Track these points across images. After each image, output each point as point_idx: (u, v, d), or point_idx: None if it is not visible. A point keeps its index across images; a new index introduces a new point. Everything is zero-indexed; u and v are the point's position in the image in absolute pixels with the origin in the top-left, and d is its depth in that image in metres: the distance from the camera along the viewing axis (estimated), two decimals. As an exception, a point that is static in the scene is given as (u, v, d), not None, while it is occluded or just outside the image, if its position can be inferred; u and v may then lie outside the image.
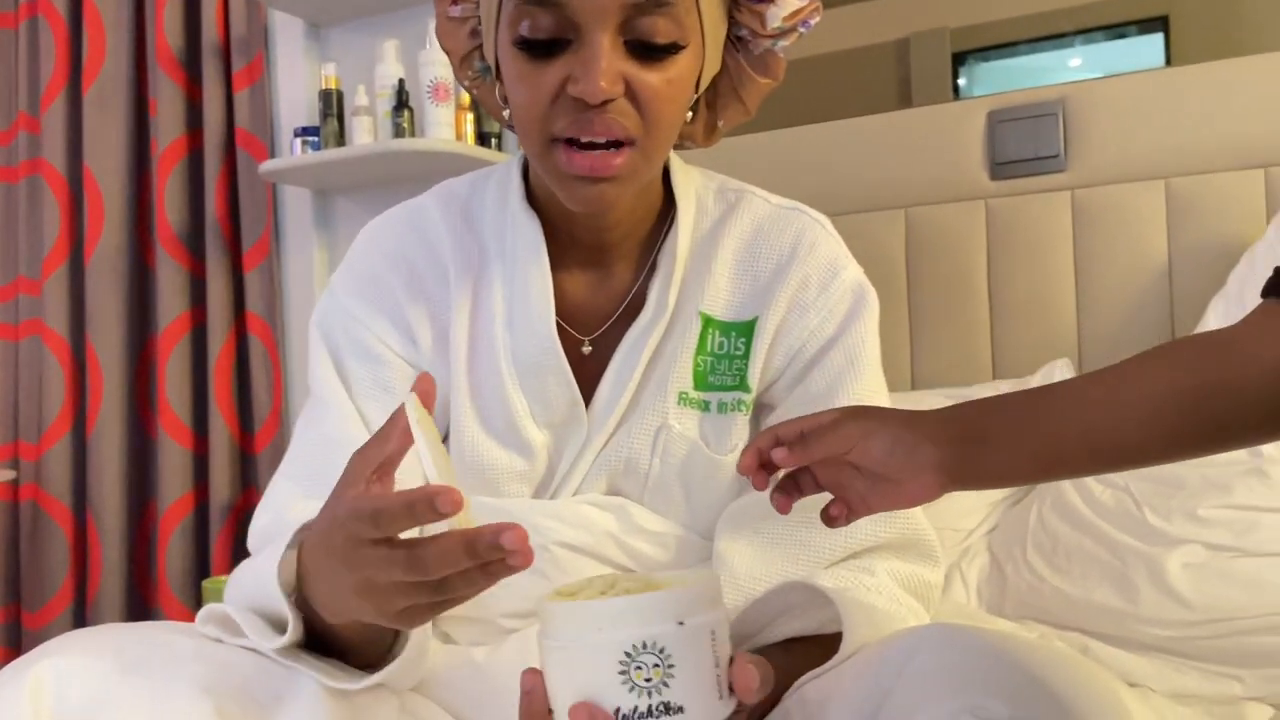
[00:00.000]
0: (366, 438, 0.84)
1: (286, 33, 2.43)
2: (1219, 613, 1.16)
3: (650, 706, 0.55)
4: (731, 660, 0.61)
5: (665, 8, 0.74)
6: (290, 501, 0.85)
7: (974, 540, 1.46)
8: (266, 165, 2.23)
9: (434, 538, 0.55)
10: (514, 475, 0.87)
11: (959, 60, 2.69)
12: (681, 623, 0.56)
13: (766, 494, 0.85)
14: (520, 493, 0.88)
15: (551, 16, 0.74)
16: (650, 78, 0.75)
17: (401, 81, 2.13)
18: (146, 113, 2.50)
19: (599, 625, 0.57)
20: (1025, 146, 1.70)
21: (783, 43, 0.84)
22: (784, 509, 0.71)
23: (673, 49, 0.75)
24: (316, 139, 2.22)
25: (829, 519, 0.71)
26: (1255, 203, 1.53)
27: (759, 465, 0.69)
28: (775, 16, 0.81)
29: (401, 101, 2.12)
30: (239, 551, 2.36)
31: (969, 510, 1.49)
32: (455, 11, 0.86)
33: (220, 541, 2.38)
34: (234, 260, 2.44)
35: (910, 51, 2.66)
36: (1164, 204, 1.58)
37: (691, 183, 0.92)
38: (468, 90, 0.92)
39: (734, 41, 0.85)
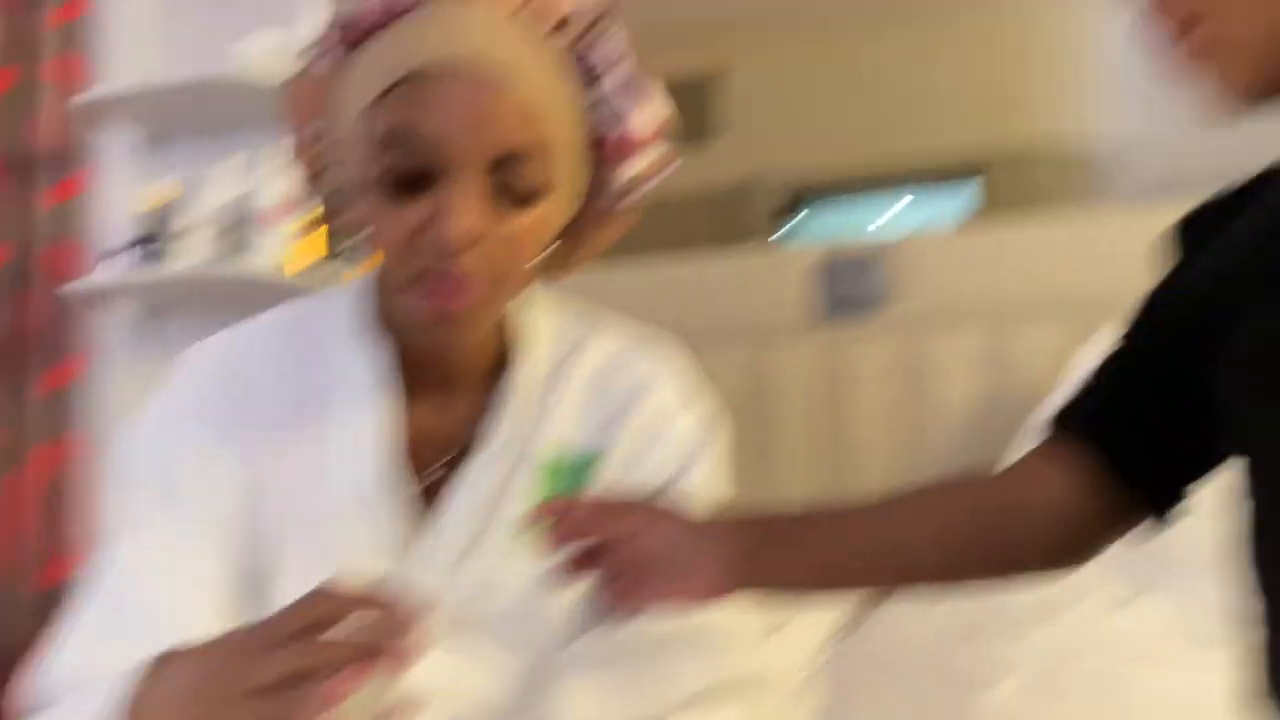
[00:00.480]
0: (174, 574, 0.79)
1: (116, 144, 2.35)
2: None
3: None
4: None
5: (532, 156, 0.74)
6: (89, 648, 0.77)
7: (808, 675, 1.46)
8: (83, 282, 2.12)
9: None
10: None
11: (792, 205, 2.85)
12: None
13: (601, 638, 0.83)
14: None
15: (418, 155, 0.73)
16: (511, 222, 0.75)
17: (235, 202, 2.08)
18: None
19: None
20: (853, 291, 1.78)
21: (640, 190, 0.86)
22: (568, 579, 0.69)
23: (536, 195, 0.76)
24: (141, 256, 2.13)
25: (615, 600, 0.70)
26: (1062, 353, 1.64)
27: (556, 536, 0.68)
28: (634, 166, 0.83)
29: (234, 221, 2.07)
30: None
31: (802, 644, 1.50)
32: (309, 134, 0.84)
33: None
34: (39, 381, 2.28)
35: (746, 194, 2.80)
36: (979, 351, 1.68)
37: (543, 314, 0.92)
38: (317, 209, 0.90)
39: (590, 188, 0.86)
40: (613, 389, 0.89)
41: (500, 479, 0.85)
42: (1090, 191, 2.31)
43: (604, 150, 0.83)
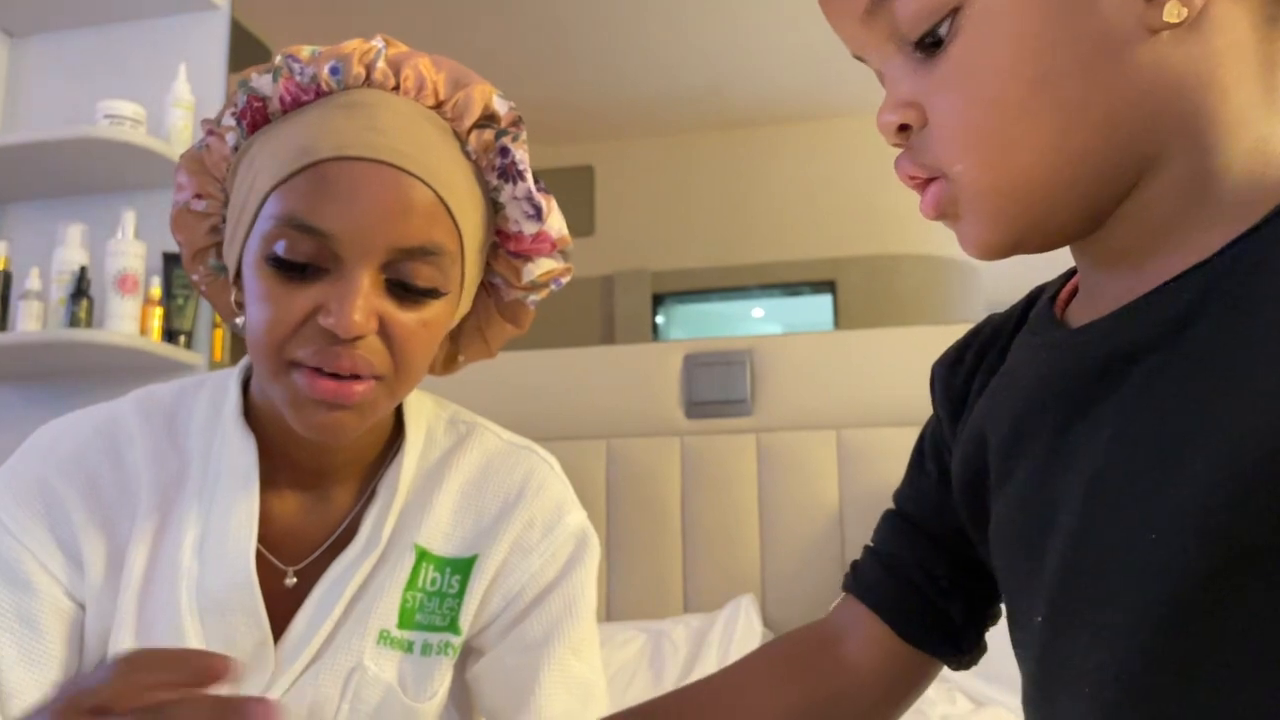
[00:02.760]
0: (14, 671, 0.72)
1: (-46, 203, 2.22)
2: None
3: None
4: None
5: (431, 255, 0.73)
6: None
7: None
8: (-93, 344, 1.98)
9: None
10: None
11: (657, 301, 2.89)
12: None
13: None
14: None
15: (313, 243, 0.71)
16: (406, 318, 0.73)
17: (84, 269, 1.99)
18: None
19: None
20: (717, 389, 1.81)
21: (534, 296, 0.86)
22: None
23: (432, 294, 0.74)
24: (-26, 319, 2.00)
25: None
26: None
27: None
28: (531, 272, 0.83)
29: (81, 290, 1.97)
30: None
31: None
32: (199, 206, 0.81)
33: None
34: None
35: (614, 288, 2.83)
36: (835, 451, 1.72)
37: (423, 411, 0.89)
38: (195, 285, 0.86)
39: (487, 287, 0.85)
40: (489, 493, 0.87)
41: (370, 573, 0.82)
42: (949, 299, 2.42)
43: (507, 248, 0.83)
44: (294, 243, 0.71)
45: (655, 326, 2.83)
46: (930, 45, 0.47)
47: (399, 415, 0.88)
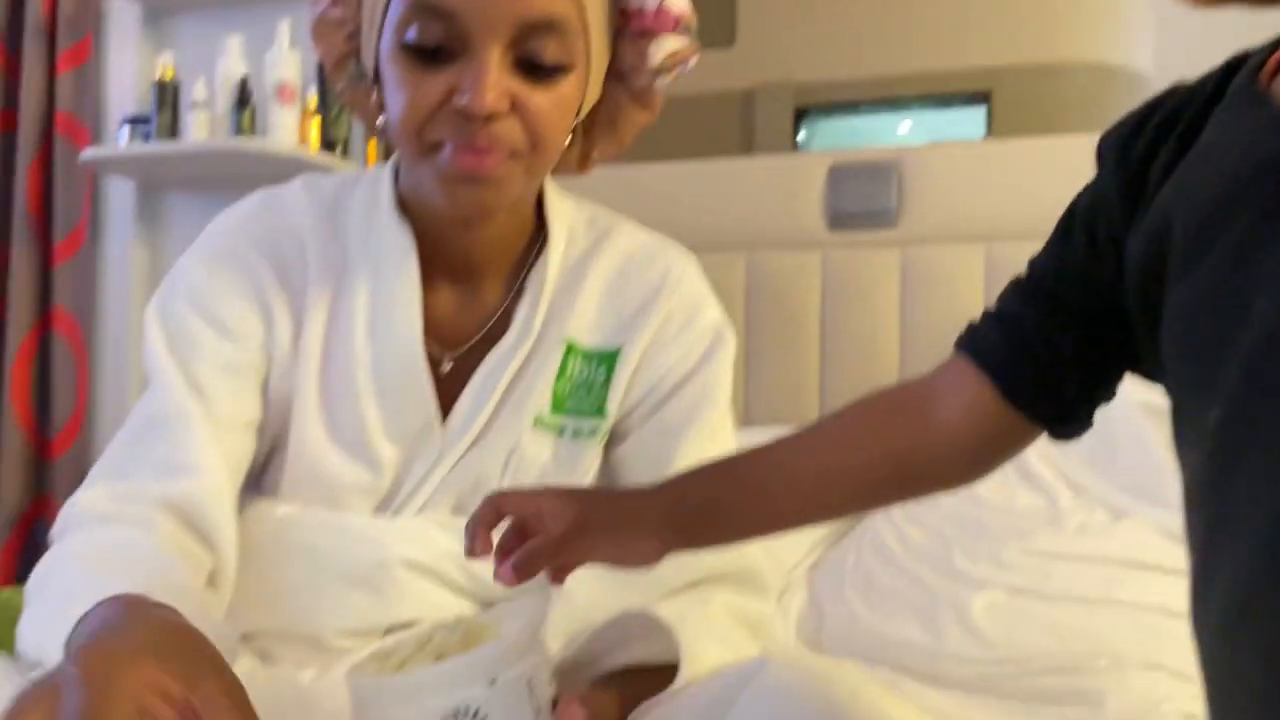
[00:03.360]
0: (198, 411, 0.81)
1: (122, 16, 2.30)
2: (1017, 652, 1.23)
3: None
4: (556, 702, 0.62)
5: (555, 29, 0.75)
6: (98, 488, 0.79)
7: (795, 576, 1.51)
8: (89, 152, 2.11)
9: None
10: (357, 489, 0.85)
11: (800, 115, 2.81)
12: (494, 680, 0.56)
13: None
14: (361, 507, 0.86)
15: (442, 25, 0.73)
16: (536, 97, 0.76)
17: (245, 79, 2.06)
18: (-47, 86, 2.32)
19: (412, 698, 0.56)
20: (862, 201, 1.78)
21: (662, 80, 0.86)
22: (512, 582, 0.64)
23: (559, 70, 0.76)
24: (147, 129, 2.11)
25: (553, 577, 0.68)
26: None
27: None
28: (656, 53, 0.83)
29: (243, 99, 2.05)
30: (28, 563, 2.19)
31: (791, 545, 1.54)
32: (335, 13, 0.84)
33: (7, 552, 2.20)
34: (42, 251, 2.28)
35: (755, 102, 2.76)
36: (983, 265, 1.69)
37: (565, 210, 0.93)
38: (339, 95, 0.90)
39: (615, 73, 0.86)
40: (632, 287, 0.91)
41: (523, 363, 0.87)
42: (1114, 113, 2.29)
43: (631, 29, 0.83)
44: (424, 26, 0.74)
45: (797, 143, 2.76)
46: None
47: (540, 214, 0.91)
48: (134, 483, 0.78)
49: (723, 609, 0.85)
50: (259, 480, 0.89)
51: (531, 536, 0.63)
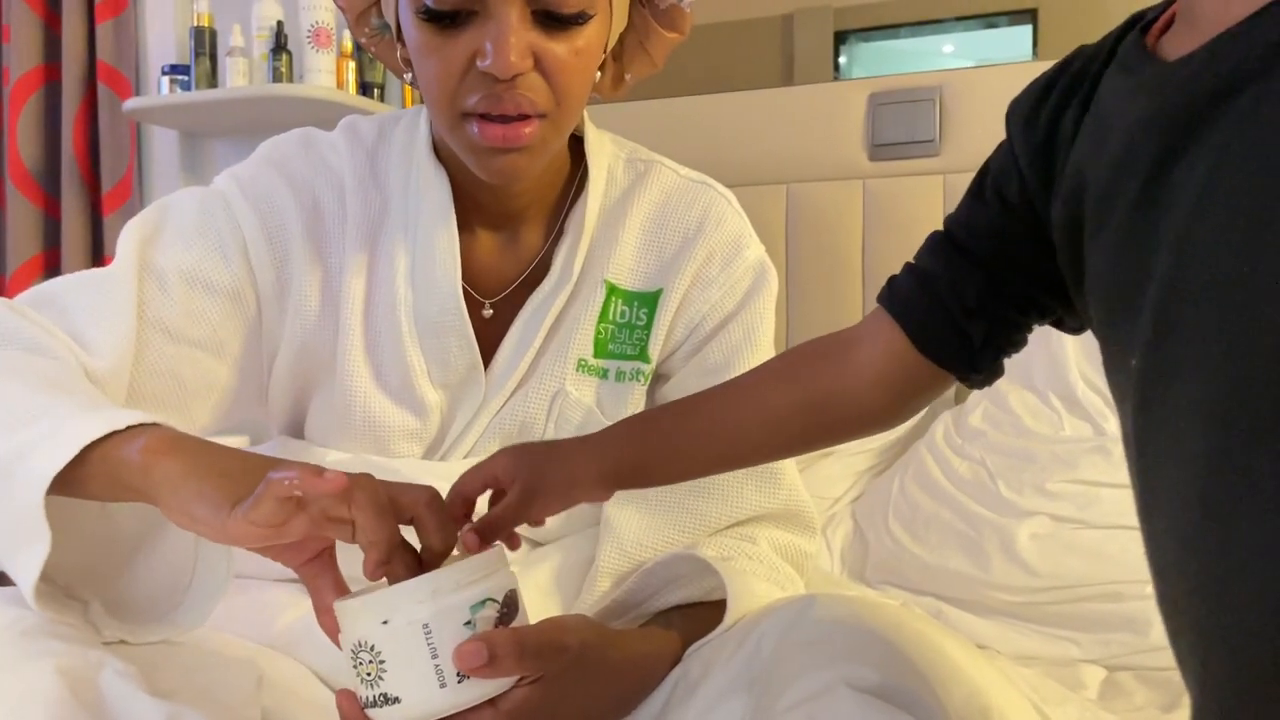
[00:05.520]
0: (134, 299, 0.77)
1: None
2: (1061, 580, 1.24)
3: (372, 697, 0.59)
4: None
5: None
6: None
7: (839, 509, 1.52)
8: (131, 103, 2.13)
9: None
10: (405, 434, 0.87)
11: (840, 39, 2.75)
12: (386, 621, 0.58)
13: None
14: (410, 452, 0.88)
15: None
16: (559, 49, 0.75)
17: (280, 24, 2.06)
18: (-2, 39, 2.35)
19: (343, 624, 0.60)
20: (903, 130, 1.76)
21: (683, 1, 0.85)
22: (477, 548, 0.69)
23: (580, 18, 0.75)
24: (187, 78, 2.12)
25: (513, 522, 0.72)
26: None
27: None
28: None
29: (280, 44, 2.05)
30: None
31: (835, 479, 1.55)
32: None
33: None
34: (93, 202, 2.32)
35: (794, 27, 2.71)
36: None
37: (603, 150, 0.92)
38: (365, 47, 0.90)
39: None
40: (670, 228, 0.91)
41: (564, 307, 0.88)
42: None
43: None
44: None
45: (838, 67, 2.71)
46: None
47: (578, 155, 0.91)
48: (55, 329, 0.75)
49: (769, 545, 0.87)
50: (304, 428, 0.91)
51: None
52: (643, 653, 0.73)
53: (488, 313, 0.89)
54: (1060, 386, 1.41)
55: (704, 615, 0.77)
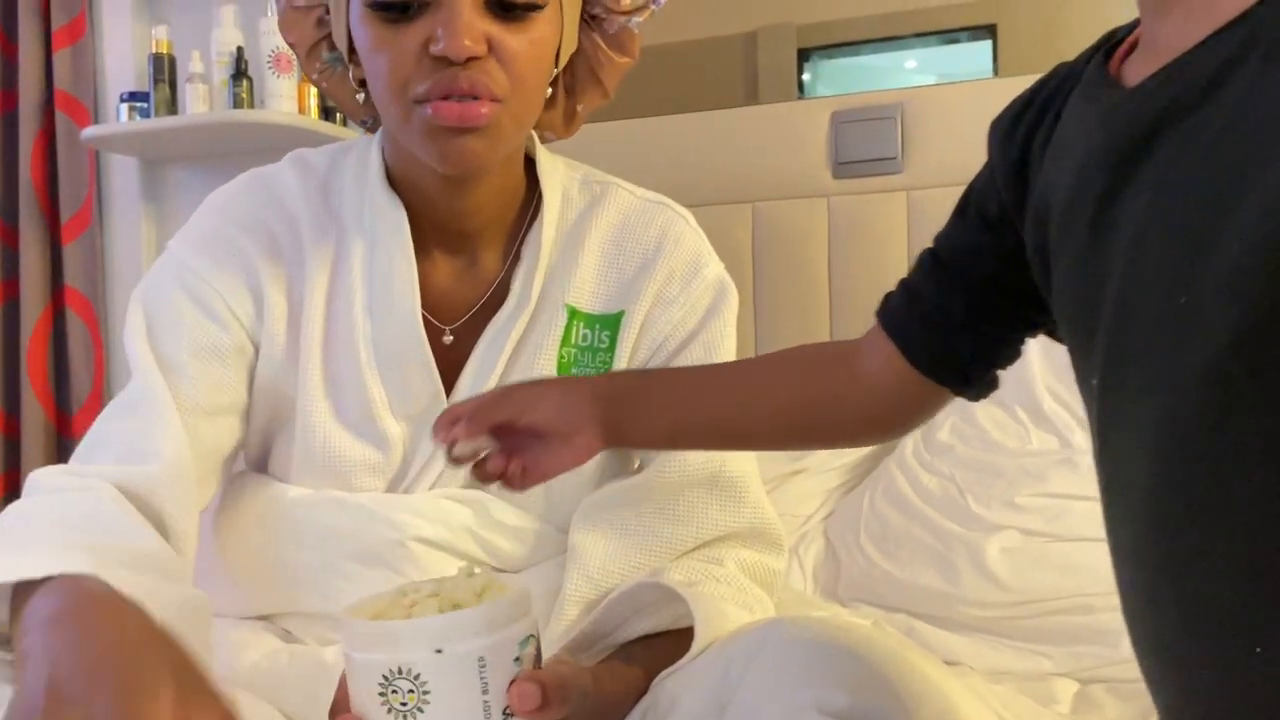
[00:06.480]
0: (167, 398, 0.79)
1: (114, -11, 2.29)
2: (1031, 594, 1.24)
3: None
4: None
5: None
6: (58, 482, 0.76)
7: (811, 527, 1.52)
8: (89, 131, 2.10)
9: None
10: (367, 468, 0.86)
11: (803, 56, 2.77)
12: (439, 650, 0.55)
13: (621, 486, 0.86)
14: (373, 486, 0.86)
15: None
16: (512, 39, 0.76)
17: (240, 49, 2.04)
18: (-48, 68, 2.32)
19: (362, 646, 0.57)
20: (866, 148, 1.77)
21: (636, 19, 0.85)
22: (488, 479, 0.70)
23: (531, 8, 0.76)
24: (146, 105, 2.10)
25: (508, 479, 0.71)
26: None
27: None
28: None
29: (240, 70, 2.03)
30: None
31: (806, 496, 1.55)
32: (301, 1, 0.83)
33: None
34: (51, 231, 2.29)
35: (757, 45, 2.72)
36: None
37: (556, 173, 0.92)
38: (316, 84, 0.90)
39: (589, 21, 0.86)
40: (629, 250, 0.90)
41: (525, 331, 0.87)
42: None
43: None
44: None
45: (801, 84, 2.73)
46: None
47: (534, 179, 0.90)
48: (95, 466, 0.78)
49: (736, 566, 0.86)
50: (267, 463, 0.90)
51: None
52: (615, 691, 0.73)
53: (448, 339, 0.88)
54: (1026, 400, 1.42)
55: (667, 646, 0.76)
